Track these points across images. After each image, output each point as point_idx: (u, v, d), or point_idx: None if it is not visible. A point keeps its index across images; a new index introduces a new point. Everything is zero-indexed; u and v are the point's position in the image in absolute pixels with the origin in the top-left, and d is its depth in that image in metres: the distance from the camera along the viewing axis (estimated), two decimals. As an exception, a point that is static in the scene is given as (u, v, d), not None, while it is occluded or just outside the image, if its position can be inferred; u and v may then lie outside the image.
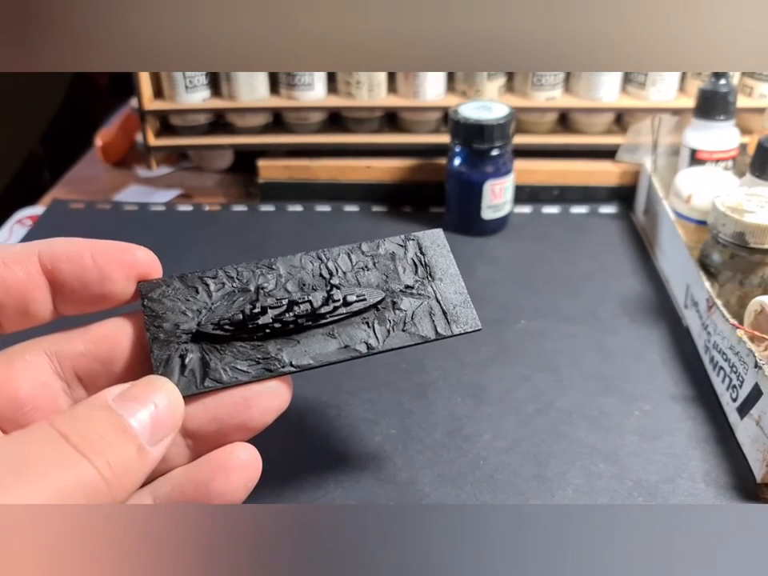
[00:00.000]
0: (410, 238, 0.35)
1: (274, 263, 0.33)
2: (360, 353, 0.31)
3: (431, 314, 0.33)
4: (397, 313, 0.33)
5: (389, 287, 0.33)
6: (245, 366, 0.30)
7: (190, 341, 0.30)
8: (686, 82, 0.65)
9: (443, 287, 0.34)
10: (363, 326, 0.32)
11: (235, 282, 0.32)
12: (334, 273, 0.34)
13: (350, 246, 0.35)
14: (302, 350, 0.31)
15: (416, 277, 0.34)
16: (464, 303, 0.34)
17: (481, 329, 0.33)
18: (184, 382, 0.29)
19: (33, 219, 0.64)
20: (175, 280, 0.33)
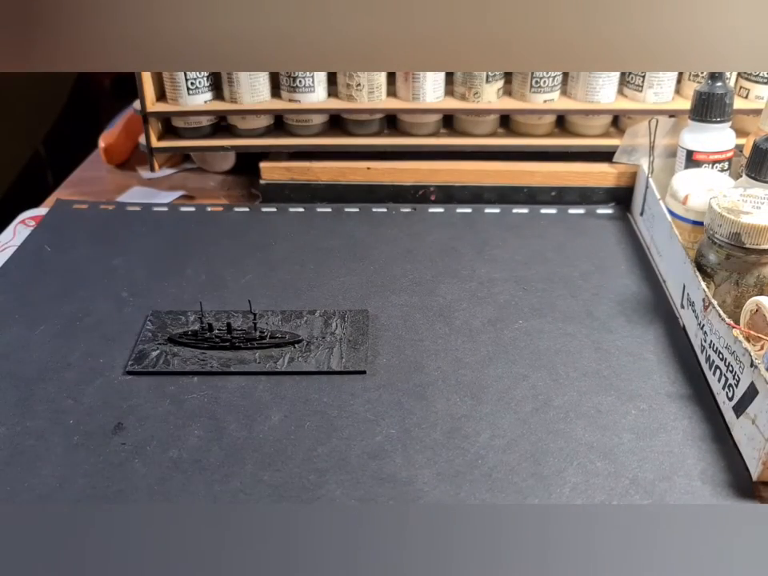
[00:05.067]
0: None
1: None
2: (265, 369, 0.46)
3: (330, 355, 0.47)
4: (305, 349, 0.48)
5: (311, 334, 0.49)
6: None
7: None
8: (682, 84, 0.65)
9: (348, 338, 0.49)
10: (277, 354, 0.47)
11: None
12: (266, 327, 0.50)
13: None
14: (228, 360, 0.47)
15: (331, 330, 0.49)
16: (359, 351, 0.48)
17: (365, 371, 0.46)
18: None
19: (36, 220, 0.64)
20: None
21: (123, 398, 0.44)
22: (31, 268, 0.57)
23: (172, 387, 0.45)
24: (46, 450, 0.41)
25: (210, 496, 0.38)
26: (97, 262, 0.58)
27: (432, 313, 0.52)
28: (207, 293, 0.54)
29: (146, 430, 0.42)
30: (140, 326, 0.50)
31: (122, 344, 0.49)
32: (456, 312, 0.52)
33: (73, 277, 0.56)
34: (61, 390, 0.45)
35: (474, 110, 0.65)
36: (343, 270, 0.57)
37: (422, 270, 0.57)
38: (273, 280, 0.56)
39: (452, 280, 0.56)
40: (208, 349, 0.48)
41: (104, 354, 0.48)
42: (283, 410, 0.43)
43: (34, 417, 0.43)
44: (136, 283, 0.55)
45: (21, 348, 0.48)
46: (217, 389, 0.45)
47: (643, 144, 0.62)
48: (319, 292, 0.54)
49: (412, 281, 0.55)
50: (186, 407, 0.43)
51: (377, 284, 0.55)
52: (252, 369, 0.46)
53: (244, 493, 0.38)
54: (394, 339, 0.49)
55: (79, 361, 0.47)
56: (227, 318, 0.50)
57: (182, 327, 0.50)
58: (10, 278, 0.56)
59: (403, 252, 0.59)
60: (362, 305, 0.53)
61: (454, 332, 0.50)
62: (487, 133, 0.67)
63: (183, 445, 0.41)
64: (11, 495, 0.38)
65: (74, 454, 0.40)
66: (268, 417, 0.43)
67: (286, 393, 0.45)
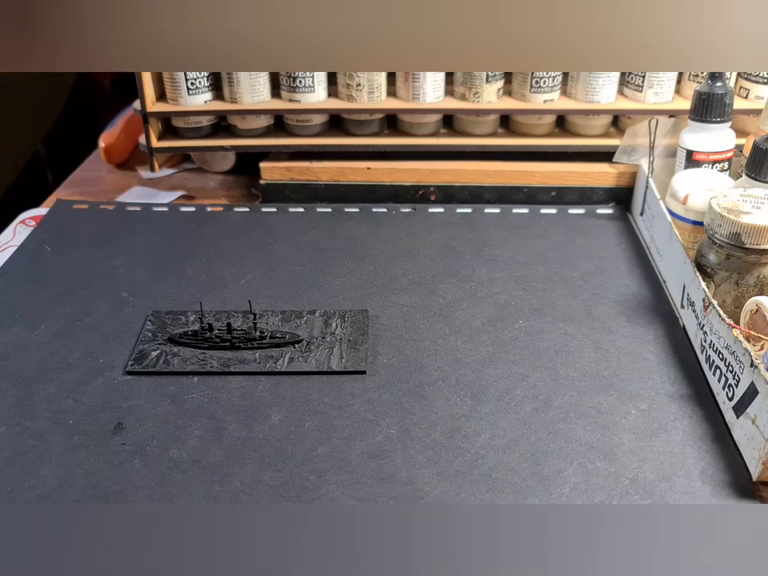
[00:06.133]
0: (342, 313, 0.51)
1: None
2: (265, 370, 0.46)
3: (330, 355, 0.47)
4: (305, 349, 0.48)
5: (311, 334, 0.49)
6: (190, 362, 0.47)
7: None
8: (682, 85, 0.65)
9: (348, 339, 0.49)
10: (277, 354, 0.47)
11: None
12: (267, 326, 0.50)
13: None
14: (228, 360, 0.47)
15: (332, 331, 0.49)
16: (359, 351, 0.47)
17: (365, 371, 0.46)
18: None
19: (36, 220, 0.64)
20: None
21: (123, 398, 0.44)
22: (31, 268, 0.57)
23: (172, 387, 0.45)
24: (45, 450, 0.41)
25: (209, 496, 0.38)
26: (97, 262, 0.58)
27: (432, 313, 0.52)
28: (207, 293, 0.54)
29: (146, 430, 0.42)
30: (140, 326, 0.50)
31: (121, 344, 0.49)
32: (456, 312, 0.52)
33: (73, 277, 0.56)
34: (61, 390, 0.45)
35: (474, 110, 0.65)
36: (343, 270, 0.57)
37: (421, 270, 0.57)
38: (273, 280, 0.56)
39: (452, 280, 0.56)
40: (208, 349, 0.48)
41: (104, 354, 0.48)
42: (283, 410, 0.43)
43: (34, 417, 0.43)
44: (136, 283, 0.55)
45: (21, 348, 0.48)
46: (217, 389, 0.45)
47: (643, 144, 0.62)
48: (319, 292, 0.54)
49: (412, 281, 0.56)
50: (186, 407, 0.43)
51: (377, 284, 0.55)
52: (252, 369, 0.46)
53: (244, 493, 0.38)
54: (393, 339, 0.49)
55: (79, 361, 0.47)
56: (227, 318, 0.50)
57: (182, 327, 0.50)
58: (10, 277, 0.56)
59: (403, 252, 0.59)
60: (362, 305, 0.53)
61: (454, 332, 0.50)
62: (487, 133, 0.67)
63: (183, 445, 0.41)
64: (11, 495, 0.38)
65: (73, 454, 0.40)
66: (268, 417, 0.43)
67: (286, 393, 0.45)
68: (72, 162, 0.77)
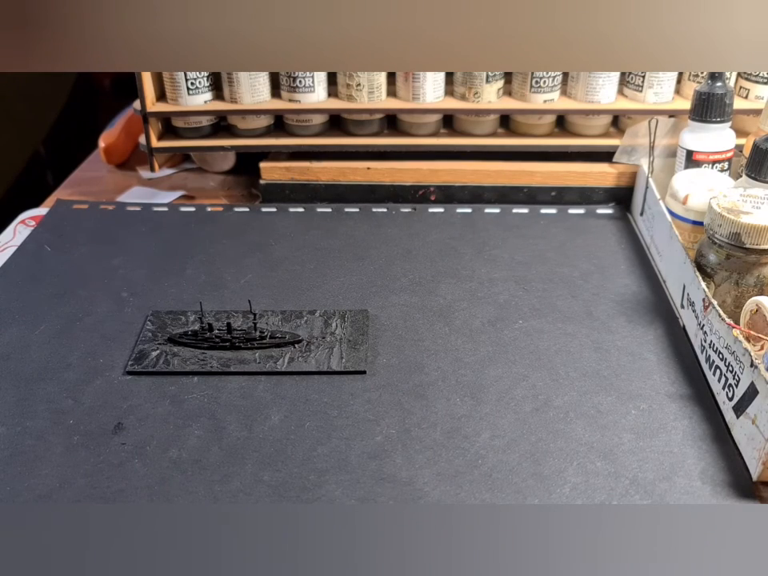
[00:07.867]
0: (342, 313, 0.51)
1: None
2: (265, 370, 0.46)
3: (330, 355, 0.47)
4: (305, 349, 0.48)
5: (311, 334, 0.49)
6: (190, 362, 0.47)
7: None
8: (682, 85, 0.65)
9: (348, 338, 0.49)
10: (277, 354, 0.47)
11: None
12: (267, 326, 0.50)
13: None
14: (228, 360, 0.47)
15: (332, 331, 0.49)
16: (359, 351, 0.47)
17: (365, 371, 0.46)
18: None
19: (36, 220, 0.64)
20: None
21: (123, 398, 0.44)
22: (31, 268, 0.57)
23: (172, 387, 0.45)
24: (46, 450, 0.41)
25: (209, 496, 0.38)
26: (97, 262, 0.58)
27: (432, 313, 0.52)
28: (207, 293, 0.54)
29: (146, 430, 0.42)
30: (140, 326, 0.50)
31: (121, 344, 0.49)
32: (456, 312, 0.52)
33: (73, 277, 0.56)
34: (61, 390, 0.45)
35: (474, 110, 0.65)
36: (343, 270, 0.57)
37: (421, 270, 0.57)
38: (273, 280, 0.56)
39: (452, 280, 0.56)
40: (208, 349, 0.48)
41: (104, 354, 0.48)
42: (283, 410, 0.43)
43: (34, 417, 0.43)
44: (136, 283, 0.55)
45: (21, 348, 0.48)
46: (217, 389, 0.45)
47: (643, 144, 0.62)
48: (319, 292, 0.54)
49: (412, 281, 0.56)
50: (186, 407, 0.43)
51: (377, 284, 0.55)
52: (252, 369, 0.46)
53: (244, 493, 0.38)
54: (393, 339, 0.49)
55: (79, 361, 0.47)
56: (227, 318, 0.50)
57: (182, 327, 0.50)
58: (10, 278, 0.56)
59: (403, 252, 0.59)
60: (362, 305, 0.53)
61: (454, 332, 0.50)
62: (487, 133, 0.67)
63: (183, 445, 0.41)
64: (11, 495, 0.38)
65: (73, 454, 0.40)
66: (268, 417, 0.43)
67: (286, 393, 0.45)
68: (72, 162, 0.77)
